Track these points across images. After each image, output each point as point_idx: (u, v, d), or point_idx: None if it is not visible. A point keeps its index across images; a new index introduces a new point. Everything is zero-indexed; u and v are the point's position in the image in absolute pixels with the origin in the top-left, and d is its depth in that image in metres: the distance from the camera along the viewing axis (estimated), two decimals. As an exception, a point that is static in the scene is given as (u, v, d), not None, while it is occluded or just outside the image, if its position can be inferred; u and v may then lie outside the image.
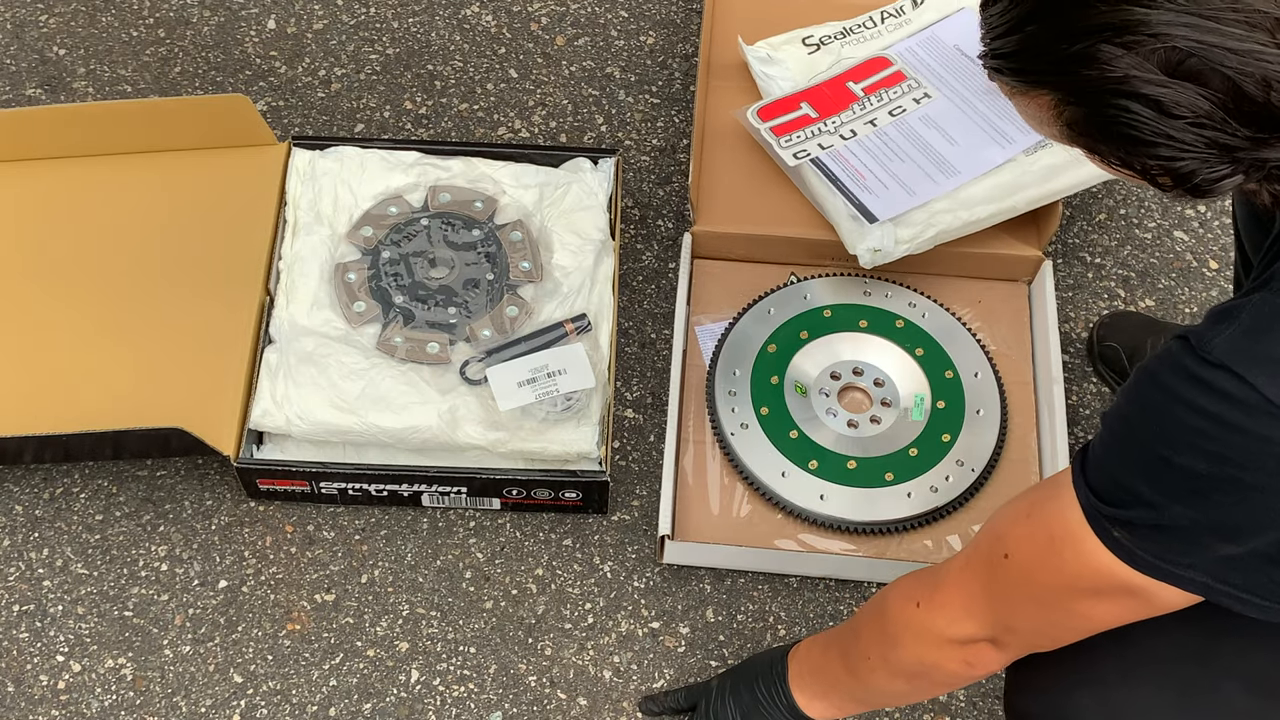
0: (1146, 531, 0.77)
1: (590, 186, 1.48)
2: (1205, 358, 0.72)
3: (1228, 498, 0.73)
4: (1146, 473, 0.76)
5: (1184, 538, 0.76)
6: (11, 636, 1.30)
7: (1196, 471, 0.73)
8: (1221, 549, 0.76)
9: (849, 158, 1.45)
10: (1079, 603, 0.84)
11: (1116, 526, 0.79)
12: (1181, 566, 0.78)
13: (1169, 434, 0.74)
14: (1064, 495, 0.82)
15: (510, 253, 1.43)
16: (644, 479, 1.40)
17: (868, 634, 1.02)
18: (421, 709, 1.27)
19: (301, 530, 1.36)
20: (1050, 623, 0.88)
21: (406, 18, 1.77)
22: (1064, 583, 0.84)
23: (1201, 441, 0.73)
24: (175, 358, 1.35)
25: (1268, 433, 0.70)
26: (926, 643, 0.95)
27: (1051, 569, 0.84)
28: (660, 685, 1.28)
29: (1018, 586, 0.87)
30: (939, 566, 0.96)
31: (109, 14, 1.76)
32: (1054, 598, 0.85)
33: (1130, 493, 0.77)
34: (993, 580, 0.89)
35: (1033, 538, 0.85)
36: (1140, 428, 0.77)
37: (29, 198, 1.47)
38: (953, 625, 0.93)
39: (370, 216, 1.45)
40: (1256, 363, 0.70)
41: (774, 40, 1.59)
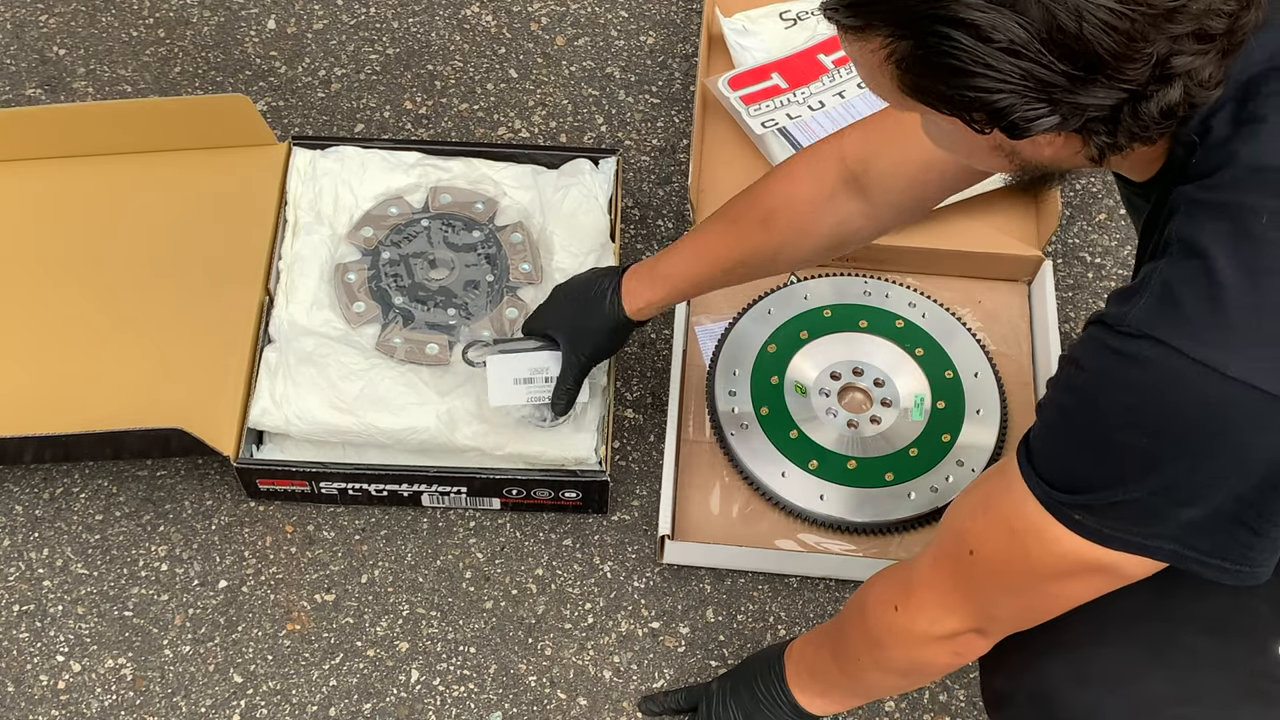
0: (1107, 509, 0.78)
1: (590, 188, 1.47)
2: (1124, 331, 0.73)
3: (1177, 465, 0.74)
4: (1093, 457, 0.77)
5: (1145, 510, 0.77)
6: (11, 636, 1.30)
7: (1140, 447, 0.74)
8: (1183, 514, 0.76)
9: (816, 128, 1.48)
10: (1053, 586, 0.85)
11: (1076, 510, 0.79)
12: (1148, 537, 0.78)
13: (1105, 416, 0.75)
14: (1016, 487, 0.83)
15: (510, 254, 1.43)
16: (644, 479, 1.40)
17: (854, 637, 1.03)
18: (421, 709, 1.27)
19: (301, 530, 1.36)
20: (1029, 607, 0.89)
21: (406, 18, 1.77)
22: (1034, 570, 0.84)
23: (1137, 417, 0.74)
24: (175, 358, 1.35)
25: (1199, 393, 0.71)
26: (911, 643, 0.96)
27: (1019, 560, 0.85)
28: (660, 685, 1.28)
29: (989, 580, 0.89)
30: (907, 567, 0.97)
31: (109, 14, 1.76)
32: (1027, 585, 0.86)
33: (1082, 479, 0.78)
34: (963, 577, 0.90)
35: (994, 533, 0.86)
36: (1076, 414, 0.78)
37: (29, 198, 1.47)
38: (934, 624, 0.94)
39: (371, 217, 1.45)
40: (1174, 326, 0.72)
41: (752, 13, 1.61)
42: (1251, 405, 0.71)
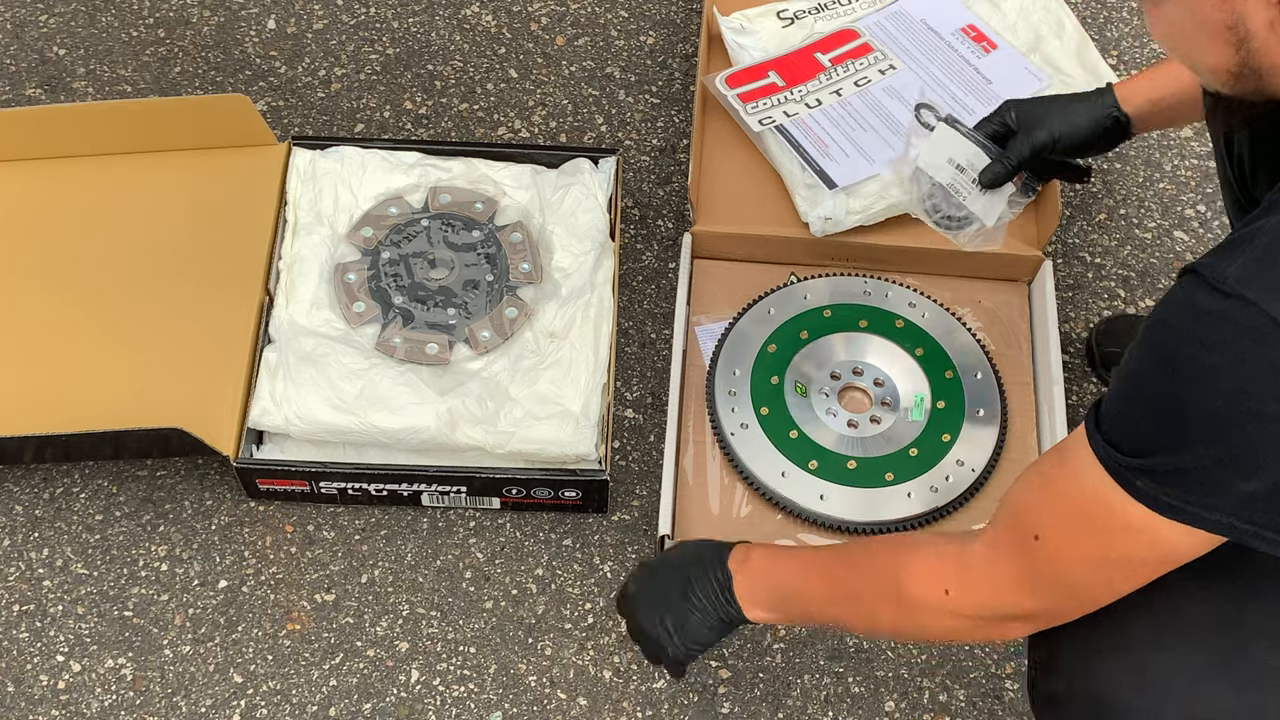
0: (1169, 476, 0.77)
1: (590, 188, 1.48)
2: (1218, 288, 0.71)
3: (1246, 432, 0.73)
4: (1163, 417, 0.76)
5: (1206, 479, 0.76)
6: (11, 636, 1.30)
7: (1214, 409, 0.73)
8: (1244, 486, 0.75)
9: (813, 125, 1.48)
10: (1114, 568, 0.84)
11: (1139, 476, 0.78)
12: (1206, 508, 0.77)
13: (1183, 374, 0.74)
14: (1077, 459, 0.82)
15: (510, 254, 1.43)
16: (644, 479, 1.40)
17: (877, 598, 0.98)
18: (421, 709, 1.27)
19: (301, 530, 1.36)
20: (1089, 595, 0.88)
21: (406, 18, 1.77)
22: (1099, 551, 0.83)
23: (1217, 377, 0.72)
24: (175, 358, 1.35)
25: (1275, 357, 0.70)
26: (956, 624, 0.94)
27: (1085, 536, 0.83)
28: (660, 686, 1.28)
29: (1055, 564, 0.86)
30: (960, 549, 0.93)
31: (109, 14, 1.76)
32: (1091, 567, 0.85)
33: (1149, 440, 0.77)
34: (1027, 563, 0.88)
35: (1057, 510, 0.85)
36: (1154, 373, 0.77)
37: (29, 198, 1.47)
38: (987, 609, 0.92)
39: (370, 217, 1.45)
40: (1270, 290, 0.70)
41: (749, 12, 1.62)
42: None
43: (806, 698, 1.28)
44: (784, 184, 1.49)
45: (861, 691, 1.28)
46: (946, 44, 1.57)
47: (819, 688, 1.28)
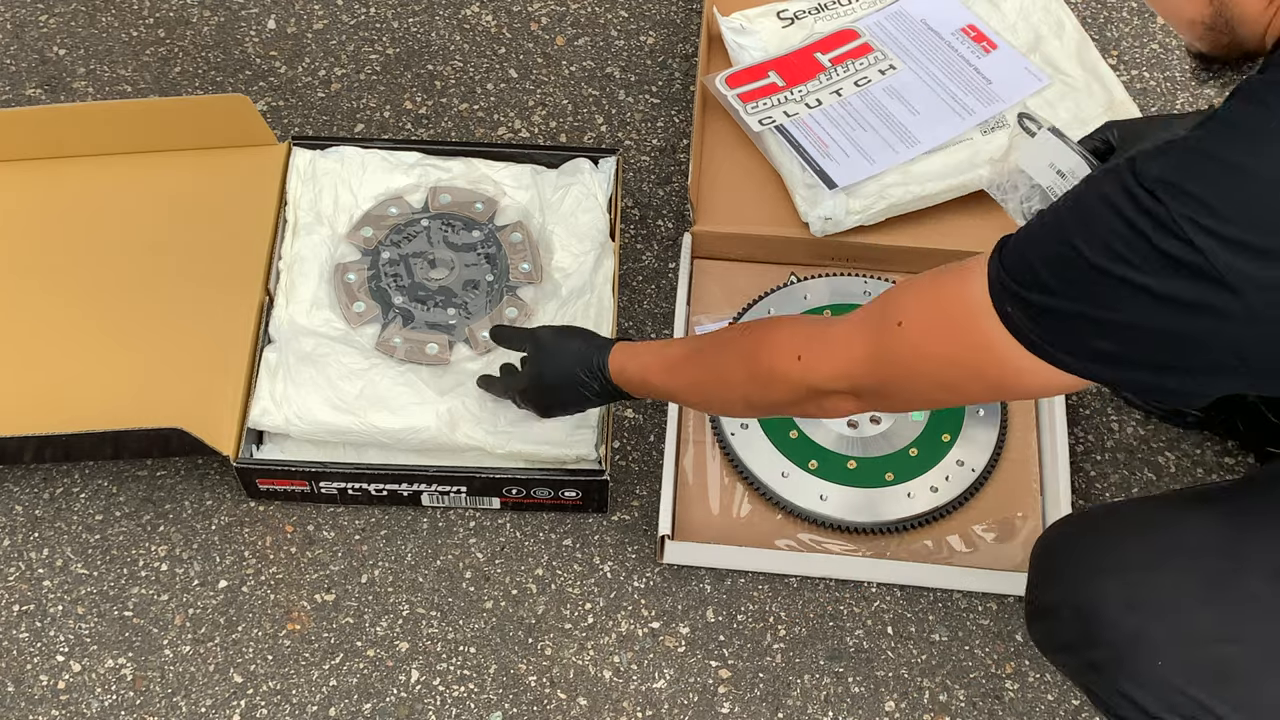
0: (1035, 311, 0.83)
1: (590, 187, 1.48)
2: (1140, 181, 0.79)
3: (1116, 295, 0.80)
4: (1055, 257, 0.82)
5: (1066, 326, 0.83)
6: (11, 636, 1.30)
7: (1097, 264, 0.80)
8: (1098, 343, 0.82)
9: (813, 126, 1.48)
10: (954, 375, 0.90)
11: (1011, 301, 0.84)
12: (1058, 349, 0.84)
13: (1088, 227, 0.81)
14: (971, 274, 0.88)
15: (510, 254, 1.43)
16: (644, 479, 1.40)
17: (733, 369, 1.05)
18: (421, 709, 1.27)
19: (301, 530, 1.36)
20: (919, 390, 0.95)
21: (406, 18, 1.77)
22: (948, 354, 0.89)
23: (1111, 238, 0.79)
24: (175, 358, 1.35)
25: (1167, 247, 0.77)
26: (799, 392, 1.00)
27: (941, 339, 0.90)
28: (660, 685, 1.28)
29: (902, 353, 0.92)
30: (824, 322, 1.00)
31: (109, 14, 1.76)
32: (933, 368, 0.91)
33: (1035, 273, 0.83)
34: (880, 345, 0.93)
35: (931, 307, 0.91)
36: (1065, 219, 0.83)
37: (29, 198, 1.47)
38: (828, 381, 0.97)
39: (370, 217, 1.45)
40: (1176, 192, 0.77)
41: (749, 12, 1.62)
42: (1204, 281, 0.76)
43: (806, 698, 1.28)
44: (784, 184, 1.49)
45: (861, 691, 1.28)
46: (946, 44, 1.57)
47: (819, 688, 1.28)
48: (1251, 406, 1.35)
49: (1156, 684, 0.94)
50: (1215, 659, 0.93)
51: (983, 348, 0.87)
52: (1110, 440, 1.42)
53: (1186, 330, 0.79)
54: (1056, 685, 1.29)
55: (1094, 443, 1.42)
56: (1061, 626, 1.00)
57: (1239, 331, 0.78)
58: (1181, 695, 0.94)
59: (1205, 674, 0.93)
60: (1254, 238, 0.75)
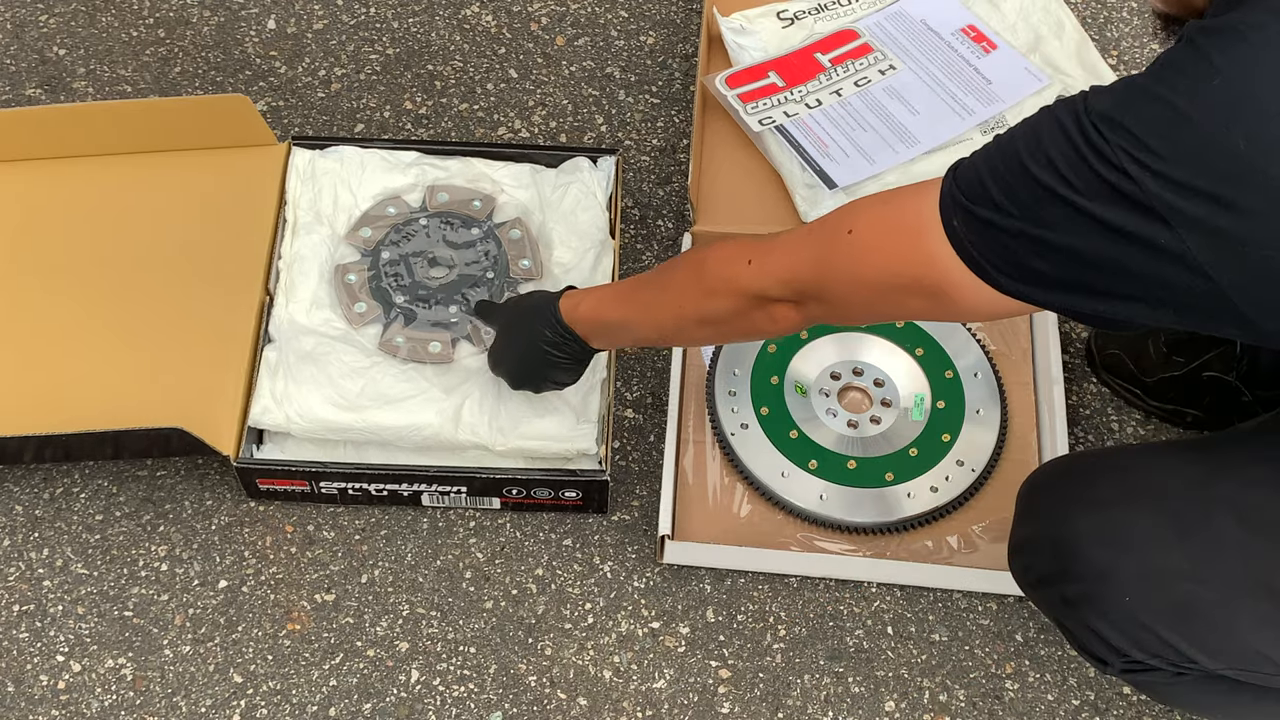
0: (979, 227, 0.86)
1: (589, 186, 1.48)
2: (1088, 113, 0.82)
3: (1057, 214, 0.82)
4: (1004, 175, 0.84)
5: (1009, 242, 0.85)
6: (11, 636, 1.30)
7: (1042, 181, 0.82)
8: (1035, 264, 0.84)
9: (813, 126, 1.49)
10: (896, 286, 0.92)
11: (958, 214, 0.86)
12: (999, 270, 0.86)
13: (1038, 148, 0.83)
14: (926, 189, 0.89)
15: (510, 250, 1.43)
16: (644, 479, 1.40)
17: (682, 285, 1.07)
18: (421, 709, 1.27)
19: (301, 530, 1.36)
20: (860, 299, 0.96)
21: (406, 18, 1.77)
22: (892, 264, 0.91)
23: (1058, 162, 0.82)
24: (175, 358, 1.35)
25: (1105, 175, 0.80)
26: (746, 299, 1.01)
27: (886, 249, 0.91)
28: (660, 685, 1.28)
29: (850, 259, 0.94)
30: (774, 233, 1.01)
31: (109, 14, 1.76)
32: (877, 275, 0.92)
33: (983, 188, 0.85)
34: (827, 250, 0.95)
35: (880, 220, 0.93)
36: (1019, 140, 0.85)
37: (29, 198, 1.47)
38: (774, 286, 0.99)
39: (369, 217, 1.45)
40: (1116, 127, 0.80)
41: (749, 12, 1.62)
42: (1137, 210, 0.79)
43: (806, 698, 1.28)
44: (784, 184, 1.49)
45: (861, 691, 1.28)
46: (946, 44, 1.57)
47: (819, 688, 1.28)
48: (1248, 406, 1.35)
49: (1124, 619, 0.97)
50: (1181, 597, 0.95)
51: (925, 261, 0.89)
52: (1110, 440, 1.42)
53: (1119, 256, 0.81)
54: (1056, 685, 1.29)
55: (1094, 443, 1.42)
56: (1038, 560, 1.04)
57: (1167, 263, 0.80)
58: (1147, 631, 0.96)
59: (1170, 611, 0.96)
60: (1184, 175, 0.78)
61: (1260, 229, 0.77)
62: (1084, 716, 1.27)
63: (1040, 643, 1.31)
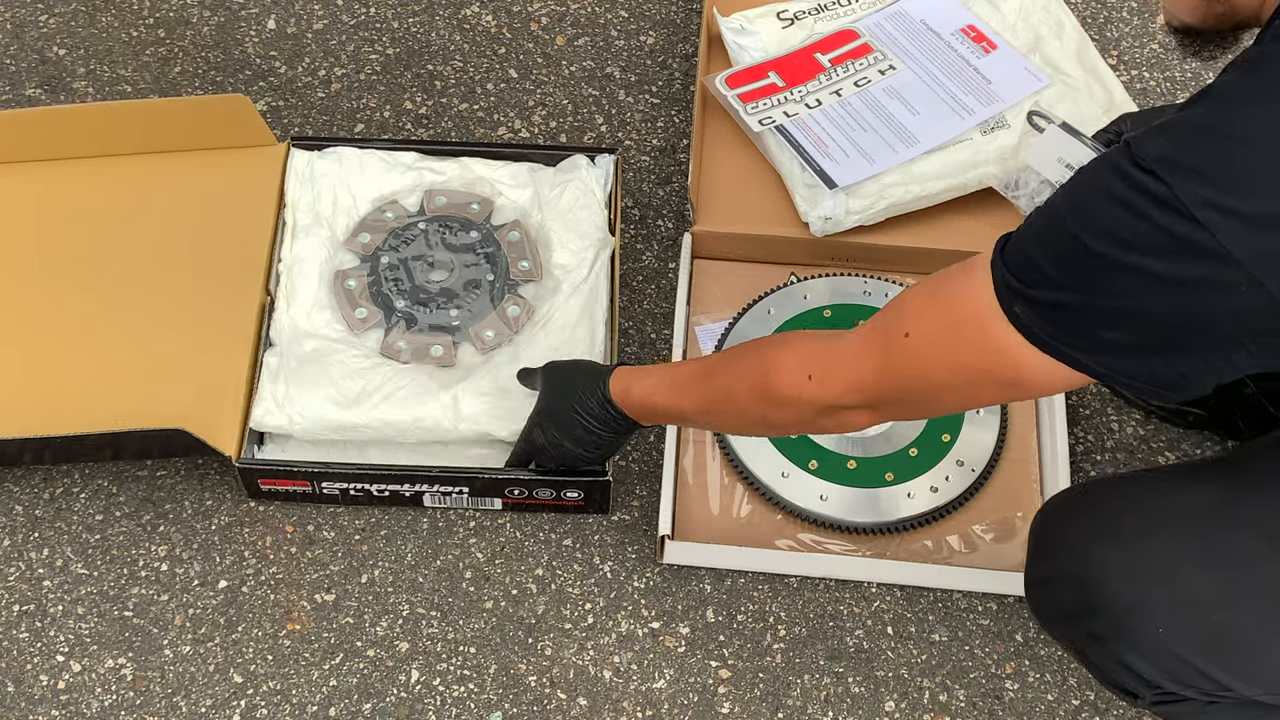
0: (1044, 309, 0.83)
1: (588, 184, 1.48)
2: (1138, 161, 0.78)
3: (1124, 283, 0.79)
4: (1058, 251, 0.82)
5: (1077, 319, 0.82)
6: (11, 636, 1.30)
7: (1102, 254, 0.79)
8: (1108, 334, 0.82)
9: (813, 126, 1.49)
10: (967, 380, 0.90)
11: (1019, 302, 0.84)
12: (1070, 345, 0.83)
13: (1088, 216, 0.81)
14: (975, 276, 0.87)
15: (509, 252, 1.43)
16: (644, 479, 1.40)
17: (743, 393, 1.04)
18: (421, 709, 1.27)
19: (301, 530, 1.36)
20: (933, 398, 0.94)
21: (406, 18, 1.77)
22: (959, 360, 0.89)
23: (1114, 226, 0.79)
24: (175, 358, 1.35)
25: (1171, 227, 0.76)
26: (814, 411, 1.00)
27: (950, 347, 0.89)
28: (660, 685, 1.28)
29: (912, 363, 0.92)
30: (831, 339, 0.99)
31: (109, 14, 1.76)
32: (945, 375, 0.90)
33: (1039, 270, 0.83)
34: (889, 358, 0.93)
35: (938, 316, 0.90)
36: (1064, 211, 0.83)
37: (29, 198, 1.47)
38: (841, 398, 0.97)
39: (367, 223, 1.45)
40: (1176, 169, 0.77)
41: (749, 13, 1.62)
42: (1210, 257, 0.76)
43: (806, 698, 1.28)
44: (784, 184, 1.49)
45: (861, 691, 1.28)
46: (946, 44, 1.57)
47: (819, 688, 1.28)
48: (1252, 399, 1.35)
49: (1156, 651, 0.95)
50: (1214, 624, 0.93)
51: (994, 352, 0.86)
52: (1110, 440, 1.42)
53: (1194, 309, 0.78)
54: (1056, 685, 1.29)
55: (1094, 443, 1.42)
56: (1060, 597, 1.01)
57: (1244, 305, 0.77)
58: (1181, 662, 0.94)
59: (1204, 640, 0.94)
60: (1256, 206, 0.75)
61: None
62: (1084, 716, 1.27)
63: (1040, 643, 1.31)
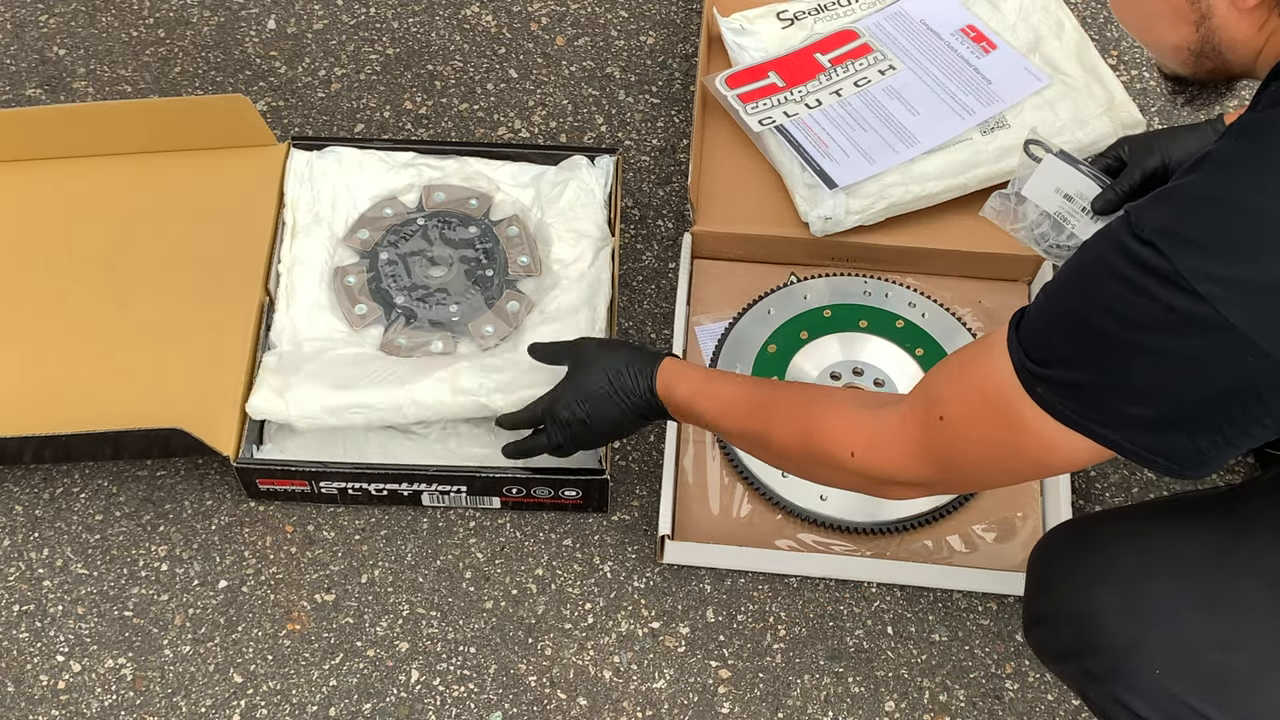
0: (1064, 389, 0.84)
1: (587, 183, 1.48)
2: (1138, 233, 0.78)
3: (1134, 361, 0.79)
4: (1068, 332, 0.83)
5: (1096, 397, 0.83)
6: (11, 636, 1.30)
7: (1109, 332, 0.80)
8: (1129, 410, 0.82)
9: (813, 126, 1.48)
10: (1003, 458, 0.91)
11: (1040, 383, 0.85)
12: (1094, 422, 0.84)
13: (1092, 295, 0.81)
14: (995, 356, 0.88)
15: (508, 248, 1.43)
16: (644, 479, 1.40)
17: (789, 446, 1.05)
18: (421, 709, 1.27)
19: (301, 530, 1.36)
20: (977, 476, 0.97)
21: (406, 18, 1.77)
22: (993, 440, 0.90)
23: (1117, 304, 0.79)
24: (175, 358, 1.35)
25: (1173, 302, 0.76)
26: (852, 479, 1.02)
27: (983, 429, 0.90)
28: (660, 685, 1.28)
29: (951, 446, 0.93)
30: (872, 416, 0.99)
31: (109, 14, 1.76)
32: (984, 454, 0.92)
33: (1053, 351, 0.84)
34: (928, 441, 0.94)
35: (967, 398, 0.91)
36: (1070, 290, 0.84)
37: (29, 198, 1.47)
38: (885, 475, 0.99)
39: (366, 219, 1.45)
40: (1176, 241, 0.76)
41: (749, 13, 1.62)
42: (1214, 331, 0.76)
43: (806, 698, 1.28)
44: (784, 184, 1.49)
45: (861, 691, 1.28)
46: (946, 44, 1.57)
47: (819, 688, 1.28)
48: None
49: (1154, 692, 0.95)
50: (1212, 666, 0.93)
51: (1023, 430, 0.87)
52: (1110, 440, 1.42)
53: (1204, 383, 0.78)
54: (1056, 685, 1.29)
55: (1094, 443, 1.42)
56: (1059, 635, 1.01)
57: (1252, 375, 0.77)
58: (1179, 703, 0.94)
59: (1203, 681, 0.93)
60: (1258, 274, 0.75)
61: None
62: (1084, 716, 1.27)
63: (1040, 643, 1.31)
